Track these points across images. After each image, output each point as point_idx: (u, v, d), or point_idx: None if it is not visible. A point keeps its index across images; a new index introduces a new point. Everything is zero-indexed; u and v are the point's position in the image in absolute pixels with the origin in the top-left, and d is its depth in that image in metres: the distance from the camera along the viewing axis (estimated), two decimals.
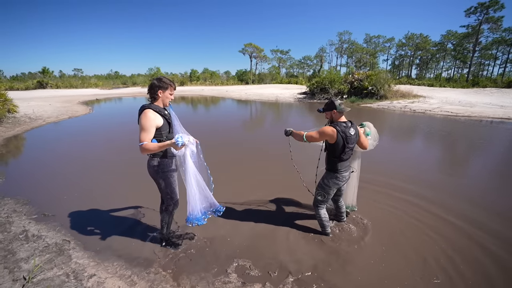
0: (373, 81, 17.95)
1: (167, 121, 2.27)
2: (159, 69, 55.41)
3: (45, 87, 34.83)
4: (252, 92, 27.54)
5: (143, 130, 2.10)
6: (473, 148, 6.77)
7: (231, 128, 9.66)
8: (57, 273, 2.30)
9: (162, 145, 2.09)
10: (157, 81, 2.27)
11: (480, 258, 2.52)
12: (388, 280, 2.25)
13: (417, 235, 2.87)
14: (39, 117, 11.41)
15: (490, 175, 4.79)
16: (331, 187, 2.69)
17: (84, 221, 3.21)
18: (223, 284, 2.21)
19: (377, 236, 2.87)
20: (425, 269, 2.36)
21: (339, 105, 2.50)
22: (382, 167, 4.89)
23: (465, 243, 2.74)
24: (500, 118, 11.24)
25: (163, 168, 2.33)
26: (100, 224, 3.14)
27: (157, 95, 2.25)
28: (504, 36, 41.08)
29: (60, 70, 65.52)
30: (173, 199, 2.50)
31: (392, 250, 2.63)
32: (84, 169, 5.07)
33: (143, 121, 2.11)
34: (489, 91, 20.38)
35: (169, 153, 2.32)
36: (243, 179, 4.53)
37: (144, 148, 2.07)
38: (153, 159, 2.32)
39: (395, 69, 60.43)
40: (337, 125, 2.51)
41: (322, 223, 2.84)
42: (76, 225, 3.10)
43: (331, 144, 2.56)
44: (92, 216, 3.32)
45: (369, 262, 2.46)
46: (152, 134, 2.14)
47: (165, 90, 2.27)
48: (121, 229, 3.01)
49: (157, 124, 2.17)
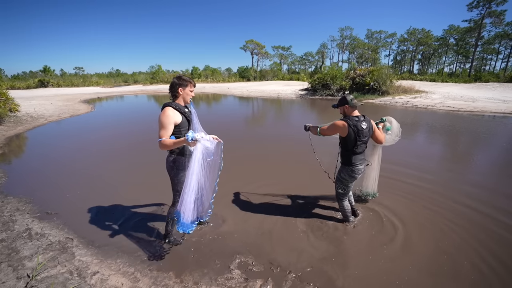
0: (375, 77, 17.82)
1: (187, 118, 2.33)
2: (161, 66, 55.21)
3: (47, 85, 34.88)
4: (254, 89, 27.45)
5: (162, 127, 2.17)
6: (477, 141, 6.73)
7: (234, 124, 9.66)
8: (60, 271, 2.31)
9: (177, 141, 2.14)
10: (177, 79, 2.33)
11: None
12: (387, 276, 2.25)
13: (434, 224, 2.87)
14: (41, 116, 11.45)
15: (495, 166, 4.76)
16: (348, 180, 2.80)
17: (87, 218, 3.22)
18: (226, 280, 2.21)
19: (384, 230, 2.86)
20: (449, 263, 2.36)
21: (350, 100, 2.61)
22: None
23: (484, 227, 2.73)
24: (503, 113, 11.16)
25: (178, 165, 2.39)
26: (103, 221, 3.15)
27: (178, 92, 2.31)
28: (507, 30, 40.50)
29: (61, 69, 65.64)
30: None
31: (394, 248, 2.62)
32: (86, 167, 5.08)
33: (162, 118, 2.18)
34: (492, 86, 20.21)
35: (186, 151, 2.37)
36: (248, 174, 4.53)
37: (162, 144, 2.14)
38: (170, 156, 2.40)
39: (397, 65, 60.04)
40: (348, 119, 2.62)
41: (345, 213, 2.99)
42: (79, 223, 3.12)
43: (343, 137, 2.67)
44: (95, 214, 3.33)
45: (368, 258, 2.46)
46: (170, 131, 2.20)
47: (185, 88, 2.33)
48: (124, 227, 3.03)
49: (176, 121, 2.23)
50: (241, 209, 3.39)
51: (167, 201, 3.57)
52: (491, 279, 2.20)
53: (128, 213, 3.32)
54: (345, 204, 2.96)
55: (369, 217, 3.15)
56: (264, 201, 3.61)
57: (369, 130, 2.69)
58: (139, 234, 2.86)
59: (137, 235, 2.85)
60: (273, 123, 10.73)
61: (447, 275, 2.25)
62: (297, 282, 2.19)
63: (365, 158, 2.86)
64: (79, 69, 73.23)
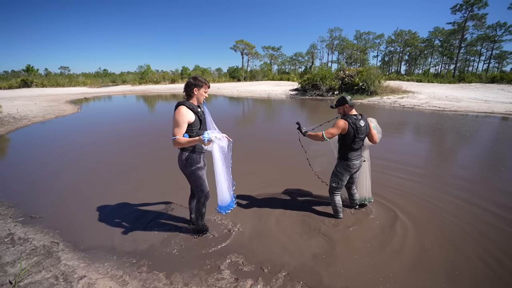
0: (364, 77, 18.15)
1: (199, 118, 2.40)
2: (150, 66, 54.18)
3: (30, 85, 33.74)
4: (244, 89, 27.43)
5: (176, 125, 2.24)
6: (462, 139, 6.96)
7: (225, 124, 9.58)
8: (45, 276, 2.24)
9: (191, 140, 2.22)
10: (193, 79, 2.40)
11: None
12: (376, 274, 2.29)
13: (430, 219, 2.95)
14: (24, 116, 11.08)
15: (478, 162, 4.93)
16: (344, 174, 2.94)
17: (73, 222, 3.14)
18: (216, 280, 2.20)
19: (370, 228, 2.92)
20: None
21: (349, 100, 2.81)
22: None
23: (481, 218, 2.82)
24: (485, 112, 11.57)
25: (191, 162, 2.45)
26: (89, 224, 3.08)
27: (193, 92, 2.39)
28: (488, 33, 42.25)
29: (46, 68, 63.77)
30: (204, 192, 2.60)
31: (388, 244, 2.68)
32: (72, 170, 4.95)
33: (177, 117, 2.25)
34: (474, 86, 20.93)
35: (198, 148, 2.47)
36: (238, 174, 4.51)
37: (176, 142, 2.22)
38: (182, 153, 2.45)
39: (385, 65, 61.27)
40: (348, 117, 2.79)
41: (336, 208, 3.08)
42: (65, 227, 3.04)
43: (343, 135, 2.81)
44: (82, 217, 3.25)
45: (355, 255, 2.50)
46: (184, 129, 2.27)
47: (200, 88, 2.40)
48: (111, 229, 2.97)
49: (189, 120, 2.30)
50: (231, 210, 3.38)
51: (154, 202, 3.53)
52: (489, 275, 2.27)
53: (116, 216, 3.26)
54: (337, 199, 3.05)
55: (362, 213, 3.21)
56: (253, 201, 3.62)
57: (366, 128, 2.86)
58: (127, 237, 2.82)
59: (126, 238, 2.80)
60: (264, 123, 10.75)
61: (430, 270, 2.32)
62: (287, 280, 2.21)
63: (361, 154, 2.99)
64: (65, 68, 71.33)
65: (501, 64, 52.54)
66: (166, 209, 3.39)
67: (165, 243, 2.70)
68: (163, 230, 2.92)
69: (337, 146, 3.01)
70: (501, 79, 23.29)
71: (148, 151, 6.12)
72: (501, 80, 23.05)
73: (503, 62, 51.68)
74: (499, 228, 2.93)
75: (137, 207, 3.45)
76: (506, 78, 22.82)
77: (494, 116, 10.86)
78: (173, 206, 3.45)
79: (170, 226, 2.99)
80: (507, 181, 4.24)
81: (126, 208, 3.44)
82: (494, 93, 17.67)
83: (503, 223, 3.02)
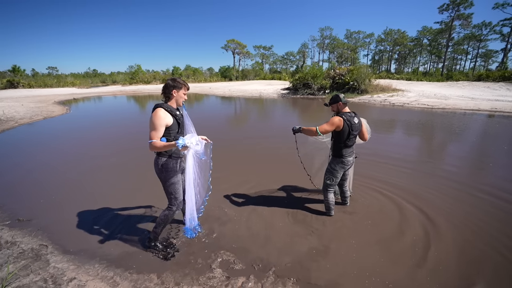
0: (354, 76, 18.38)
1: (177, 121, 2.31)
2: (140, 66, 53.58)
3: (17, 86, 32.82)
4: (236, 89, 27.39)
5: (153, 128, 2.15)
6: (450, 136, 7.14)
7: (217, 123, 9.59)
8: (34, 279, 2.21)
9: (167, 144, 2.14)
10: (172, 81, 2.31)
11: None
12: (369, 272, 2.35)
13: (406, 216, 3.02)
14: (10, 118, 10.80)
15: (465, 156, 5.08)
16: (338, 170, 2.99)
17: (62, 224, 3.10)
18: (208, 279, 2.22)
19: (359, 224, 2.98)
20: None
21: (343, 97, 2.87)
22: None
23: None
24: (471, 110, 11.89)
25: (166, 167, 2.35)
26: (79, 226, 3.04)
27: (172, 94, 2.30)
28: (474, 32, 43.43)
29: (33, 69, 61.86)
30: (177, 199, 2.47)
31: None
32: (61, 171, 4.87)
33: (154, 119, 2.15)
34: (462, 84, 21.44)
35: (175, 153, 2.36)
36: (231, 174, 4.53)
37: (152, 146, 2.14)
38: (159, 158, 2.35)
39: (375, 64, 62.07)
40: (343, 115, 2.84)
41: (328, 205, 3.13)
42: (54, 229, 2.99)
43: (338, 132, 2.86)
44: (71, 219, 3.20)
45: (345, 252, 2.56)
46: (161, 132, 2.18)
47: (179, 90, 2.33)
48: (101, 231, 2.94)
49: (167, 123, 2.21)
50: (222, 209, 3.40)
51: (143, 204, 3.51)
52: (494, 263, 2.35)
53: (106, 217, 3.23)
54: (331, 196, 3.10)
55: (353, 210, 3.27)
56: (243, 199, 3.64)
57: (359, 125, 2.94)
58: (118, 238, 2.79)
59: (116, 239, 2.78)
60: (256, 122, 10.77)
61: (417, 265, 2.39)
62: (278, 277, 2.24)
63: (353, 151, 3.06)
64: (53, 69, 69.55)
65: (487, 62, 53.98)
66: (156, 210, 3.37)
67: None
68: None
69: (331, 143, 3.07)
70: (487, 77, 23.91)
71: (138, 153, 6.06)
72: (487, 78, 23.66)
73: (489, 61, 53.12)
74: (486, 210, 3.04)
75: (127, 209, 3.42)
76: (492, 76, 23.44)
77: (480, 113, 11.17)
78: (163, 208, 3.43)
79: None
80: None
81: (115, 210, 3.40)
82: (480, 90, 18.16)
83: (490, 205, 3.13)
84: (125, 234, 2.87)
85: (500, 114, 10.81)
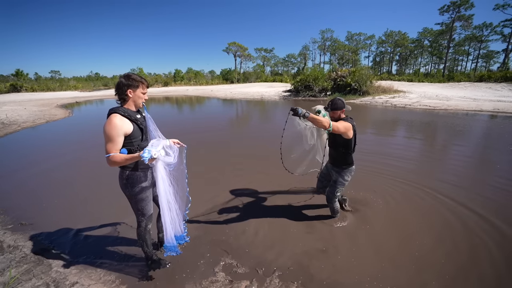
0: (356, 78, 18.36)
1: (139, 126, 1.95)
2: (142, 69, 53.98)
3: (20, 90, 33.09)
4: (237, 91, 27.44)
5: (108, 139, 1.79)
6: (454, 136, 7.09)
7: (219, 125, 9.60)
8: (36, 284, 2.21)
9: (129, 157, 1.79)
10: (125, 78, 1.91)
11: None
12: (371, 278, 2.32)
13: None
14: (14, 122, 10.87)
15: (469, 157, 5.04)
16: (349, 180, 2.93)
17: (65, 228, 3.09)
18: (211, 283, 2.20)
19: (361, 227, 2.95)
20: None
21: (345, 105, 2.77)
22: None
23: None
24: (473, 111, 11.82)
25: (132, 182, 2.00)
26: (81, 230, 3.04)
27: (127, 95, 1.92)
28: (475, 33, 43.42)
29: (36, 73, 62.64)
30: (145, 215, 2.14)
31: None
32: (63, 175, 4.88)
33: (107, 129, 1.78)
34: (463, 85, 21.35)
35: (141, 164, 2.00)
36: (229, 177, 4.51)
37: (111, 161, 1.78)
38: (123, 172, 2.00)
39: (376, 66, 62.06)
40: (348, 120, 2.72)
41: (335, 209, 3.07)
42: (56, 233, 2.99)
43: (347, 140, 2.71)
44: (73, 223, 3.20)
45: (349, 255, 2.53)
46: (120, 143, 1.83)
47: (136, 89, 1.93)
48: (103, 235, 2.94)
49: (126, 131, 1.85)
50: (225, 213, 3.38)
51: None
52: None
53: (108, 222, 3.22)
54: (337, 202, 3.06)
55: (355, 213, 3.24)
56: (246, 203, 3.62)
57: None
58: (120, 242, 2.79)
59: (119, 243, 2.77)
60: (258, 124, 10.76)
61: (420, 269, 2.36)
62: (281, 281, 2.22)
63: None
64: (56, 72, 70.00)
65: (488, 63, 53.79)
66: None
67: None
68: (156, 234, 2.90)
69: (332, 153, 2.93)
70: (489, 77, 23.80)
71: None
72: (488, 79, 23.55)
73: (490, 62, 52.91)
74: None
75: (131, 214, 3.39)
76: (494, 77, 23.32)
77: (483, 114, 11.11)
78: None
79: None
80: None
81: (119, 214, 3.39)
82: (482, 91, 18.08)
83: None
84: (128, 238, 2.86)
85: (502, 115, 10.74)
